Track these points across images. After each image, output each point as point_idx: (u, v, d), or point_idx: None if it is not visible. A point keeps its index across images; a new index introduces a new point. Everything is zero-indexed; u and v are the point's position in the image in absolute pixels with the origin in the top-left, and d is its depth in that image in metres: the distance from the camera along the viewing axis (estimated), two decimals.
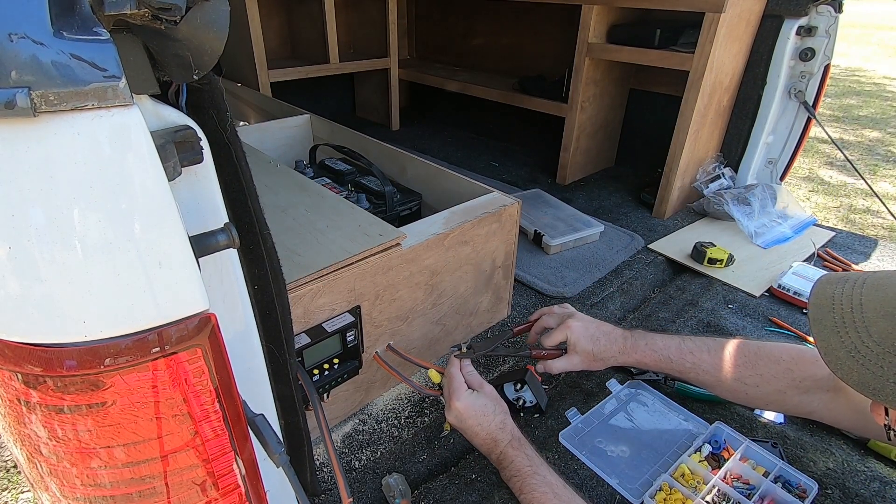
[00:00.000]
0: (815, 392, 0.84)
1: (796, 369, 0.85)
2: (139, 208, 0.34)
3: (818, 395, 0.84)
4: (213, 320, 0.39)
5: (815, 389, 0.84)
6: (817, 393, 0.84)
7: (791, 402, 0.86)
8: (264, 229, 0.53)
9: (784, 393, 0.85)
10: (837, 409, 0.82)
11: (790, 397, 0.85)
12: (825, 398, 0.83)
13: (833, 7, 1.56)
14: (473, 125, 2.68)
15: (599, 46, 1.75)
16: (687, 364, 0.91)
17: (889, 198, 3.38)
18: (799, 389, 0.85)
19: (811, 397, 0.84)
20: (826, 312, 0.54)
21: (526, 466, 0.80)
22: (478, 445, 0.86)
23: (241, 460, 0.45)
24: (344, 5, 2.42)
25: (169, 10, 0.33)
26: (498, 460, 0.83)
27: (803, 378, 0.84)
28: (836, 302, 0.54)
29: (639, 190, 1.92)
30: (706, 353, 0.91)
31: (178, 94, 0.44)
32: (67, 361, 0.35)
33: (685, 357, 0.91)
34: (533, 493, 0.76)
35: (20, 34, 0.30)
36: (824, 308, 0.55)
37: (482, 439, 0.85)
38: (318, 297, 0.80)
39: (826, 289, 0.56)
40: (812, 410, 0.85)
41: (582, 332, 0.95)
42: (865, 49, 9.53)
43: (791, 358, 0.86)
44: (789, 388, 0.85)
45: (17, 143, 0.31)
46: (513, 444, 0.83)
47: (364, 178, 1.32)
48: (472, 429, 0.85)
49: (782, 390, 0.85)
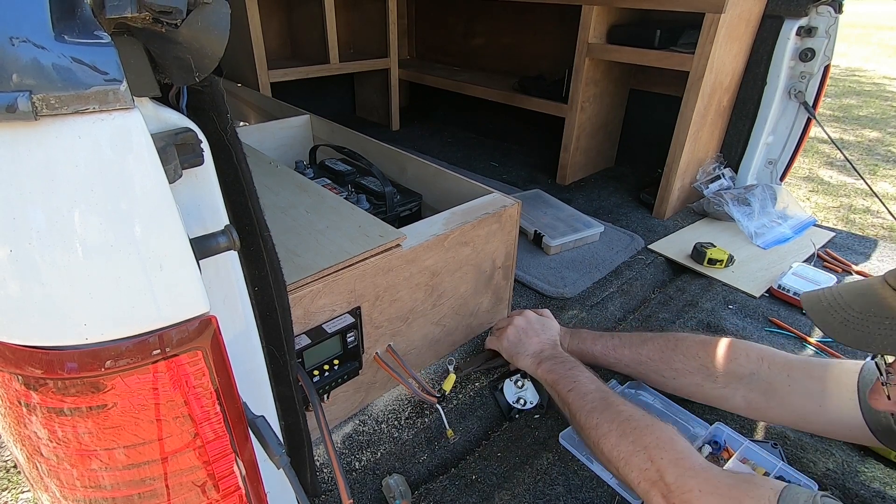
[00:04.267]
0: (733, 388, 0.88)
1: (710, 365, 0.90)
2: (140, 211, 0.34)
3: (740, 392, 0.87)
4: (214, 322, 0.39)
5: (732, 386, 0.88)
6: (739, 389, 0.87)
7: (711, 395, 0.91)
8: (264, 231, 0.53)
9: (701, 386, 0.91)
10: (769, 410, 0.86)
11: (708, 390, 0.91)
12: (750, 396, 0.87)
13: (833, 7, 1.56)
14: (473, 125, 2.68)
15: (599, 46, 1.75)
16: (610, 359, 1.01)
17: (889, 198, 3.38)
18: (716, 384, 0.90)
19: (730, 392, 0.88)
20: (816, 303, 0.69)
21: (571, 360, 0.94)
22: (532, 343, 0.99)
23: (242, 462, 0.45)
24: (344, 5, 2.41)
25: (170, 13, 0.34)
26: (552, 355, 0.96)
27: (718, 374, 0.89)
28: (822, 298, 0.69)
29: (639, 190, 1.92)
30: (627, 348, 1.00)
31: (179, 96, 0.44)
32: (68, 363, 0.35)
33: (608, 353, 1.01)
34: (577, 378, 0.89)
35: (21, 38, 0.30)
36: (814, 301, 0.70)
37: (541, 340, 1.00)
38: (319, 298, 0.80)
39: (810, 296, 0.71)
40: (734, 406, 0.90)
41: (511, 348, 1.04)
42: (865, 49, 9.52)
43: (706, 353, 0.91)
44: (705, 381, 0.91)
45: (19, 146, 0.31)
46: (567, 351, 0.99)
47: (364, 178, 1.32)
48: (538, 331, 1.01)
49: (698, 383, 0.92)
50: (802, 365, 0.85)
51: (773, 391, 0.84)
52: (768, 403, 0.85)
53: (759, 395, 0.86)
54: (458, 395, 1.04)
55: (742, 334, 1.22)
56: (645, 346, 0.98)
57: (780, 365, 0.85)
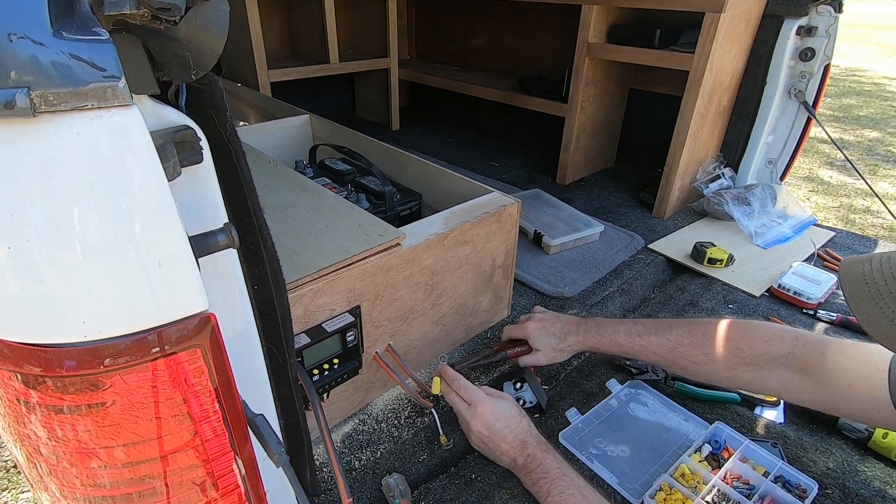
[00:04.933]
0: (768, 369, 0.84)
1: (745, 347, 0.86)
2: (139, 208, 0.34)
3: (775, 373, 0.84)
4: (213, 320, 0.39)
5: (768, 367, 0.84)
6: (772, 370, 0.84)
7: (743, 379, 0.87)
8: (264, 229, 0.53)
9: (734, 370, 0.87)
10: (799, 387, 0.82)
11: (741, 374, 0.86)
12: (784, 377, 0.83)
13: (833, 7, 1.56)
14: (473, 125, 2.68)
15: (599, 46, 1.75)
16: (636, 346, 0.95)
17: (889, 198, 3.38)
18: (750, 367, 0.85)
19: (766, 374, 0.85)
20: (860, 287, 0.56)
21: (555, 468, 0.80)
22: (503, 451, 0.85)
23: (241, 460, 0.45)
24: (344, 5, 2.41)
25: (168, 10, 0.33)
26: (524, 464, 0.83)
27: (754, 356, 0.85)
28: (867, 277, 0.56)
29: (639, 190, 1.91)
30: (654, 334, 0.94)
31: (178, 94, 0.44)
32: (67, 361, 0.35)
33: (633, 340, 0.95)
34: (562, 494, 0.76)
35: (19, 34, 0.30)
36: (857, 283, 0.56)
37: (510, 444, 0.84)
38: (318, 297, 0.80)
39: (854, 268, 0.58)
40: (768, 388, 0.86)
41: (537, 330, 1.02)
42: (865, 49, 9.53)
43: (740, 336, 0.87)
44: (739, 364, 0.86)
45: (17, 143, 0.31)
46: (541, 447, 0.84)
47: (364, 178, 1.32)
48: (500, 433, 0.85)
49: (732, 367, 0.87)
50: (836, 344, 0.81)
51: (807, 370, 0.81)
52: (802, 383, 0.82)
53: (793, 374, 0.82)
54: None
55: None
56: (673, 331, 0.93)
57: (815, 343, 0.82)
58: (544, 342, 1.01)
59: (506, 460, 0.86)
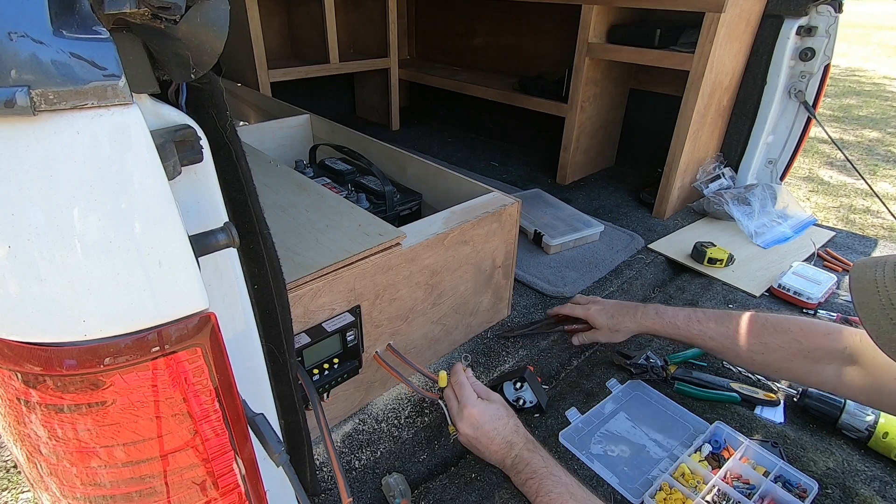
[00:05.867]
0: (825, 363, 0.85)
1: (804, 340, 0.86)
2: (139, 207, 0.34)
3: (830, 367, 0.84)
4: (213, 319, 0.39)
5: (825, 360, 0.85)
6: (829, 364, 0.84)
7: (799, 371, 0.87)
8: (264, 229, 0.53)
9: (791, 361, 0.87)
10: (851, 380, 0.82)
11: (798, 366, 0.87)
12: (837, 369, 0.83)
13: (833, 7, 1.56)
14: (473, 125, 2.68)
15: (599, 46, 1.75)
16: (694, 331, 0.98)
17: (889, 198, 3.38)
18: (808, 359, 0.86)
19: (821, 367, 0.85)
20: (871, 295, 0.54)
21: (542, 468, 0.80)
22: (491, 452, 0.86)
23: (241, 460, 0.45)
24: (344, 5, 2.42)
25: (168, 8, 0.33)
26: (512, 465, 0.83)
27: (812, 349, 0.85)
28: (879, 284, 0.54)
29: (639, 190, 1.92)
30: (713, 321, 0.96)
31: (178, 93, 0.44)
32: (67, 361, 0.35)
33: (692, 325, 0.98)
34: (550, 494, 0.76)
35: (20, 33, 0.30)
36: (868, 291, 0.54)
37: (497, 445, 0.85)
38: (318, 296, 0.80)
39: (866, 273, 0.56)
40: (822, 381, 0.86)
41: (599, 312, 1.08)
42: (865, 49, 9.53)
43: (799, 329, 0.88)
44: (796, 356, 0.86)
45: (17, 141, 0.31)
46: (528, 447, 0.84)
47: (364, 177, 1.32)
48: (488, 434, 0.85)
49: (789, 358, 0.87)
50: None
51: (862, 362, 0.81)
52: (854, 375, 0.81)
53: (848, 369, 0.82)
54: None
55: None
56: (731, 320, 0.95)
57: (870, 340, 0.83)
58: (603, 322, 1.07)
59: (495, 459, 0.86)
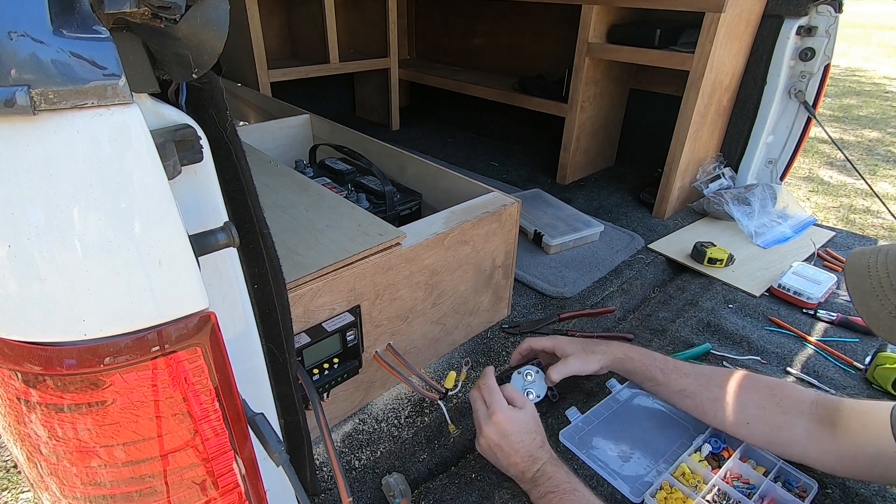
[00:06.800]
0: (797, 416, 0.83)
1: (778, 392, 0.86)
2: (139, 207, 0.34)
3: (801, 422, 0.82)
4: (213, 319, 0.39)
5: (796, 414, 0.83)
6: (801, 418, 0.82)
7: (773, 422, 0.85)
8: (264, 228, 0.53)
9: (764, 408, 0.85)
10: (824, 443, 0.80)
11: (770, 413, 0.85)
12: (809, 427, 0.81)
13: (833, 7, 1.56)
14: (473, 125, 2.68)
15: (599, 46, 1.75)
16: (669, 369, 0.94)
17: (889, 198, 3.38)
18: (780, 408, 0.84)
19: (794, 421, 0.83)
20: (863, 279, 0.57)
21: (565, 483, 0.79)
22: (511, 463, 0.83)
23: (241, 459, 0.45)
24: (344, 5, 2.41)
25: (168, 8, 0.33)
26: (533, 478, 0.81)
27: (783, 398, 0.85)
28: (871, 270, 0.56)
29: (639, 190, 1.92)
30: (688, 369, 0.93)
31: (178, 92, 0.44)
32: (67, 360, 0.35)
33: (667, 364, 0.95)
34: None
35: (20, 32, 0.30)
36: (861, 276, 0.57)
37: (520, 457, 0.83)
38: (318, 296, 0.80)
39: (861, 259, 0.59)
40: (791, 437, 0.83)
41: (567, 341, 1.01)
42: (865, 49, 9.53)
43: (775, 384, 0.87)
44: (769, 404, 0.85)
45: (17, 141, 0.31)
46: (552, 462, 0.82)
47: (364, 177, 1.32)
48: (513, 445, 0.83)
49: (762, 405, 0.85)
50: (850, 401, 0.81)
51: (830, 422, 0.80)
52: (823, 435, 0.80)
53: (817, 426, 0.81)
54: (459, 392, 1.04)
55: (742, 333, 1.22)
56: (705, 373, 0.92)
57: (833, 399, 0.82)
58: (575, 347, 0.99)
59: (513, 471, 0.84)
